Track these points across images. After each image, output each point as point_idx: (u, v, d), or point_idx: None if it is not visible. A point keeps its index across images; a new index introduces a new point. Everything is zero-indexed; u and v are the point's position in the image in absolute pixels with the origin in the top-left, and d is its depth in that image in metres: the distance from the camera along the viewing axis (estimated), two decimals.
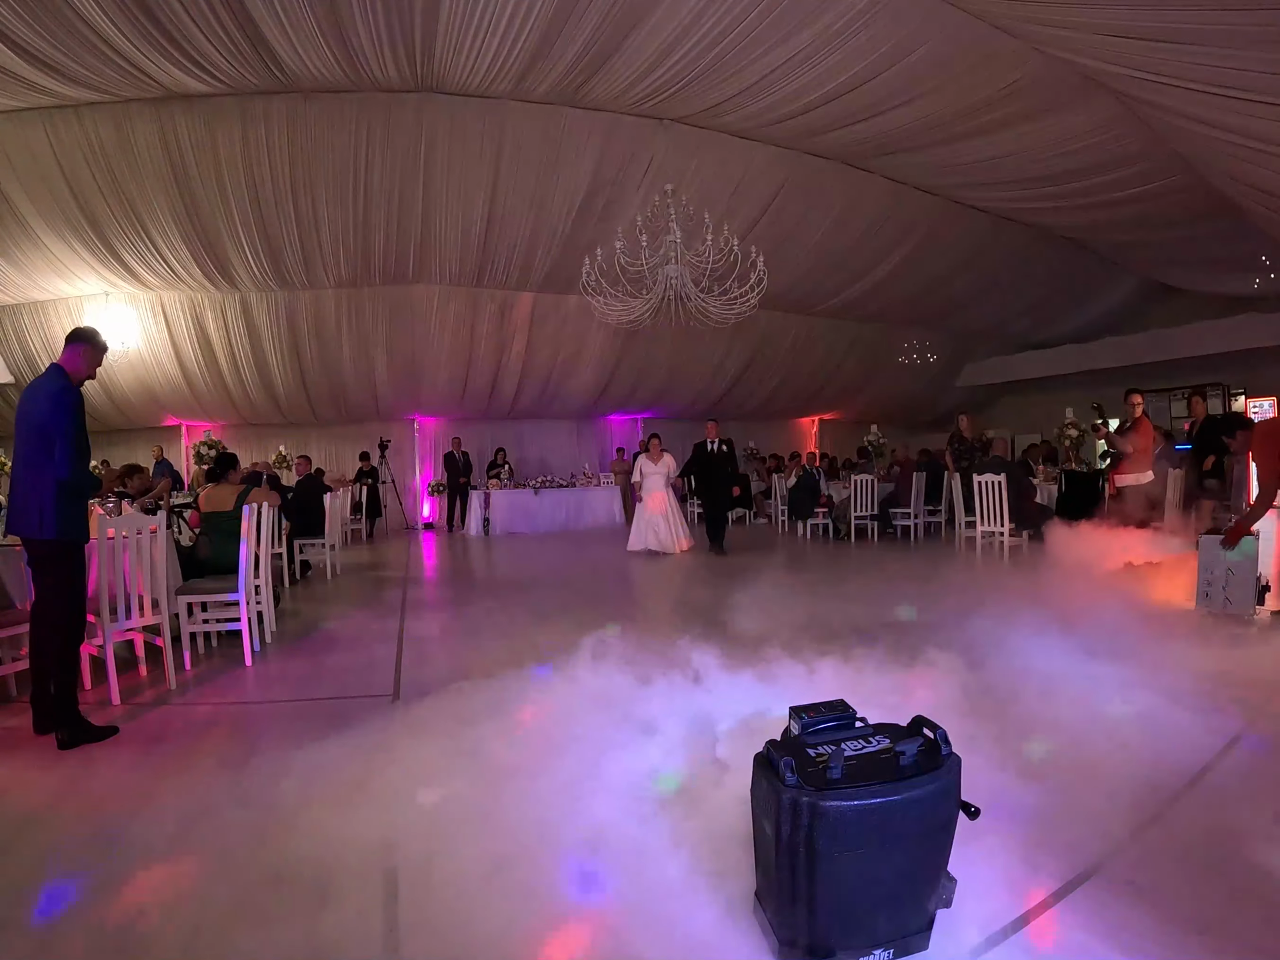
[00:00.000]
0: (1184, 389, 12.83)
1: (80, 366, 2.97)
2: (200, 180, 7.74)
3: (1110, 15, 4.74)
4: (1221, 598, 4.07)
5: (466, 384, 11.55)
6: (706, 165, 8.41)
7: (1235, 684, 3.09)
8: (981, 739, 2.35)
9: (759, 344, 12.36)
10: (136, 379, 10.49)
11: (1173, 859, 1.84)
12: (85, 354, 2.98)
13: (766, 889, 1.56)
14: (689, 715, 2.60)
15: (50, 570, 2.89)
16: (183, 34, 5.71)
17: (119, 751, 2.83)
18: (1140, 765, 2.32)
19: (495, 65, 6.58)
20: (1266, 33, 4.26)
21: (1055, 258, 11.44)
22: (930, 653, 3.07)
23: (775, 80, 6.60)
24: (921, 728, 1.61)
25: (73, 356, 2.95)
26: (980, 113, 6.83)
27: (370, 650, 4.24)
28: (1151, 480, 5.95)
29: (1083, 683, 3.07)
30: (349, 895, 1.78)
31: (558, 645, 4.03)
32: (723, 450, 7.84)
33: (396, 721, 2.96)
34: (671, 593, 6.14)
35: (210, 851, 2.02)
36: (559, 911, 1.70)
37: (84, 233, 8.23)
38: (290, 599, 5.94)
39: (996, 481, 6.66)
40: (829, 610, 4.66)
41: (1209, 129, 5.88)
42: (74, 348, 2.96)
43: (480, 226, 8.88)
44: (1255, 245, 8.93)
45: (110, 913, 1.75)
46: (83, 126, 7.16)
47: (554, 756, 2.47)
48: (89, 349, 3.00)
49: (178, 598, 3.93)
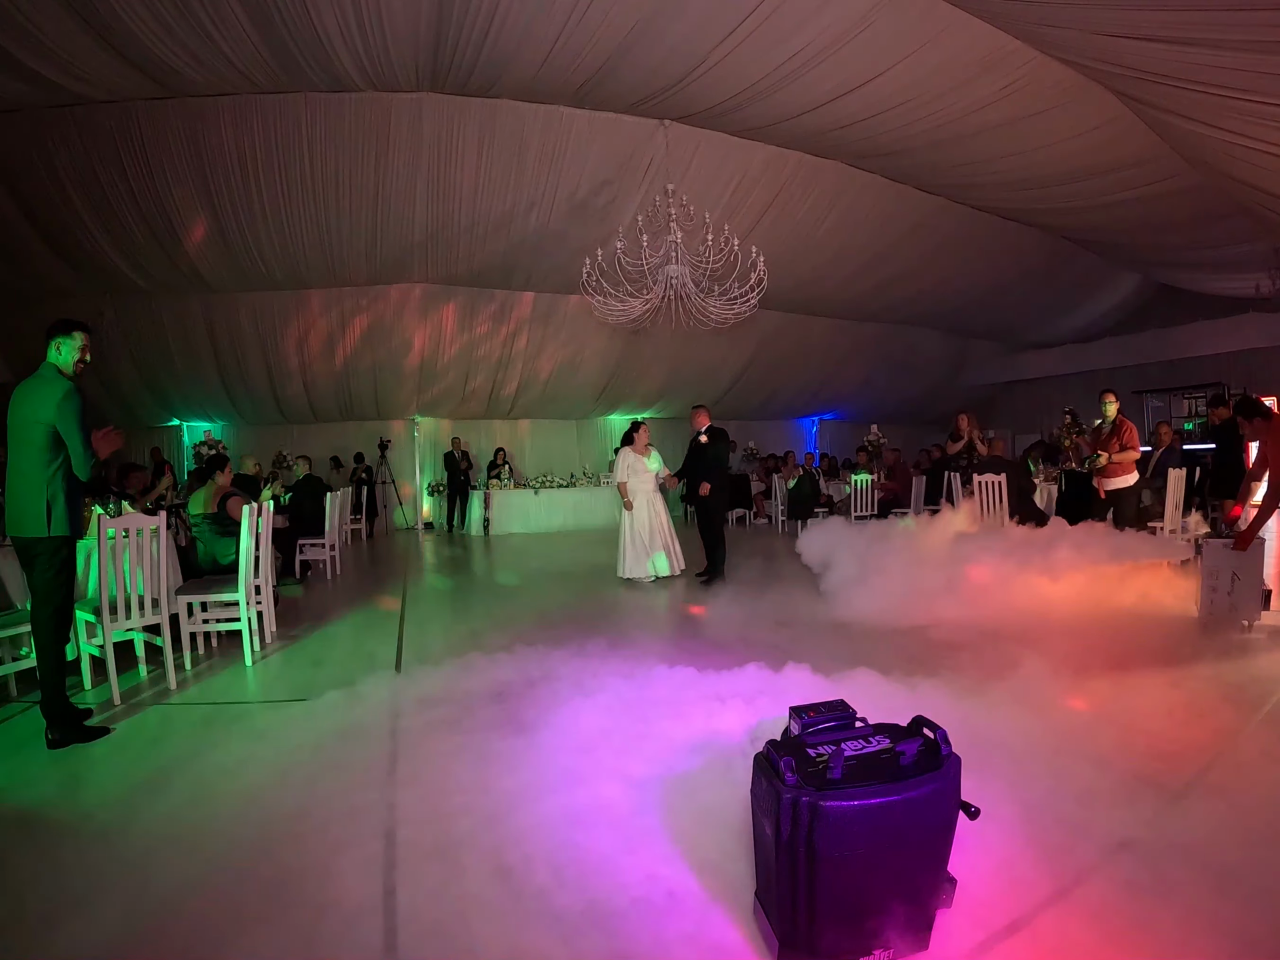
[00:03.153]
0: (1184, 389, 12.87)
1: (71, 359, 2.92)
2: (209, 175, 7.74)
3: (1110, 15, 4.74)
4: (1227, 604, 4.04)
5: (466, 384, 11.54)
6: (706, 165, 8.40)
7: (1236, 685, 3.09)
8: (982, 740, 2.36)
9: (759, 344, 12.35)
10: (137, 378, 10.52)
11: (1172, 858, 1.84)
12: (74, 345, 2.93)
13: (766, 889, 1.56)
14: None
15: (49, 566, 2.88)
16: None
17: (120, 752, 2.83)
18: (1140, 765, 2.33)
19: (500, 69, 6.58)
20: (1266, 33, 4.26)
21: (1056, 258, 11.42)
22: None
23: (776, 81, 6.59)
24: (921, 728, 1.61)
25: (59, 352, 2.91)
26: (980, 113, 6.81)
27: (371, 648, 4.25)
28: (1139, 481, 5.85)
29: (1083, 683, 3.07)
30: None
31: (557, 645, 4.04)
32: (700, 441, 6.34)
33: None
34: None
35: (213, 851, 2.02)
36: (558, 910, 1.70)
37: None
38: (291, 599, 5.93)
39: (996, 482, 6.66)
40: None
41: (1209, 129, 5.88)
42: (61, 341, 2.91)
43: (480, 226, 8.88)
44: (1256, 246, 8.92)
45: (112, 914, 1.76)
46: (84, 120, 7.17)
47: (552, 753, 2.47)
48: (72, 339, 2.93)
49: (178, 598, 3.92)
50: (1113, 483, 5.74)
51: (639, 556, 6.27)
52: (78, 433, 2.81)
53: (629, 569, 6.28)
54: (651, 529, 6.34)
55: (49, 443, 2.82)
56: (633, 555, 6.28)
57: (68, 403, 2.82)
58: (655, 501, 6.44)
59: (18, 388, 2.89)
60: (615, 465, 6.68)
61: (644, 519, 6.34)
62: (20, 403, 2.85)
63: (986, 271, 11.56)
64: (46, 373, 2.89)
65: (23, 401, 2.84)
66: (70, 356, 2.93)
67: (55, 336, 2.92)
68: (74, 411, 2.82)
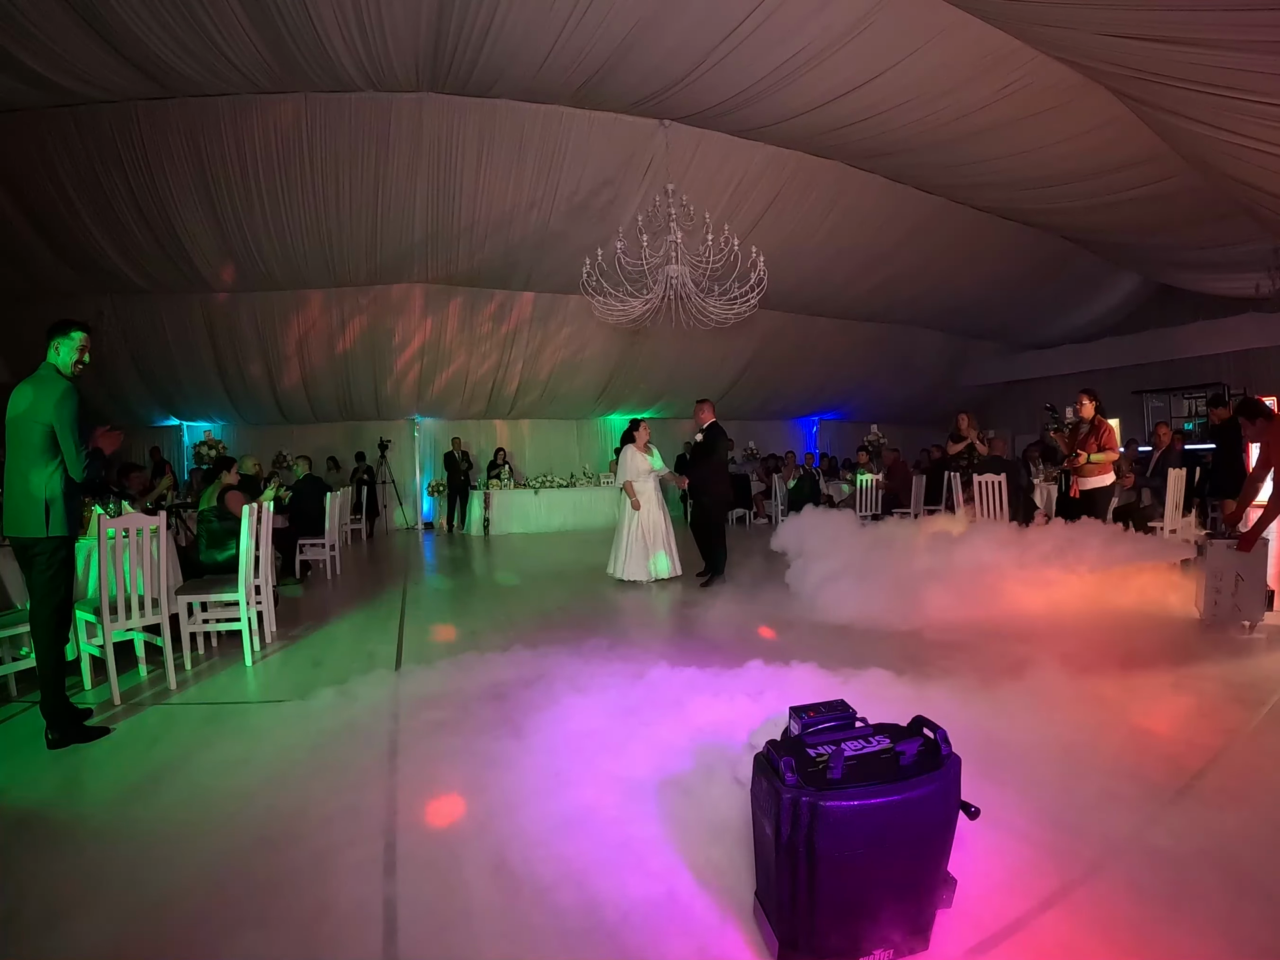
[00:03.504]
0: (1184, 389, 12.87)
1: (70, 359, 2.94)
2: (210, 175, 7.74)
3: (1110, 15, 4.74)
4: (1230, 605, 4.01)
5: (466, 384, 11.54)
6: (706, 165, 8.41)
7: (1239, 687, 3.09)
8: (981, 737, 2.36)
9: (759, 344, 12.35)
10: (137, 378, 10.52)
11: (1173, 859, 1.83)
12: (73, 345, 2.95)
13: (766, 889, 1.56)
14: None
15: (47, 566, 2.89)
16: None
17: (119, 752, 2.83)
18: (1142, 766, 2.32)
19: (500, 69, 6.59)
20: (1266, 33, 4.26)
21: (1056, 258, 11.42)
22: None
23: (776, 81, 6.59)
24: (921, 728, 1.61)
25: (59, 353, 2.92)
26: (980, 113, 6.81)
27: (371, 649, 4.25)
28: (1114, 482, 5.78)
29: (1083, 685, 3.07)
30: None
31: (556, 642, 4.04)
32: (697, 439, 6.42)
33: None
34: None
35: (212, 853, 2.02)
36: (558, 911, 1.70)
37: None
38: (291, 599, 5.94)
39: (996, 481, 6.67)
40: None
41: (1209, 129, 5.87)
42: (60, 341, 2.93)
43: (480, 226, 8.88)
44: (1256, 246, 8.92)
45: (110, 914, 1.76)
46: (84, 120, 7.17)
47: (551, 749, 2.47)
48: (72, 340, 2.95)
49: (178, 598, 3.92)
50: (1089, 483, 5.64)
51: (640, 557, 6.17)
52: (71, 433, 2.82)
53: (629, 570, 6.17)
54: (655, 528, 6.28)
55: (47, 443, 2.83)
56: (634, 555, 6.17)
57: (65, 402, 2.83)
58: (655, 500, 6.39)
59: (16, 388, 2.89)
60: (620, 464, 6.49)
61: (648, 518, 6.26)
62: (18, 403, 2.85)
63: (986, 271, 11.56)
64: (45, 373, 2.90)
65: (21, 401, 2.85)
66: (69, 357, 2.94)
67: (55, 337, 2.94)
68: (70, 411, 2.83)
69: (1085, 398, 5.71)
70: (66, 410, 2.82)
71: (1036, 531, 5.26)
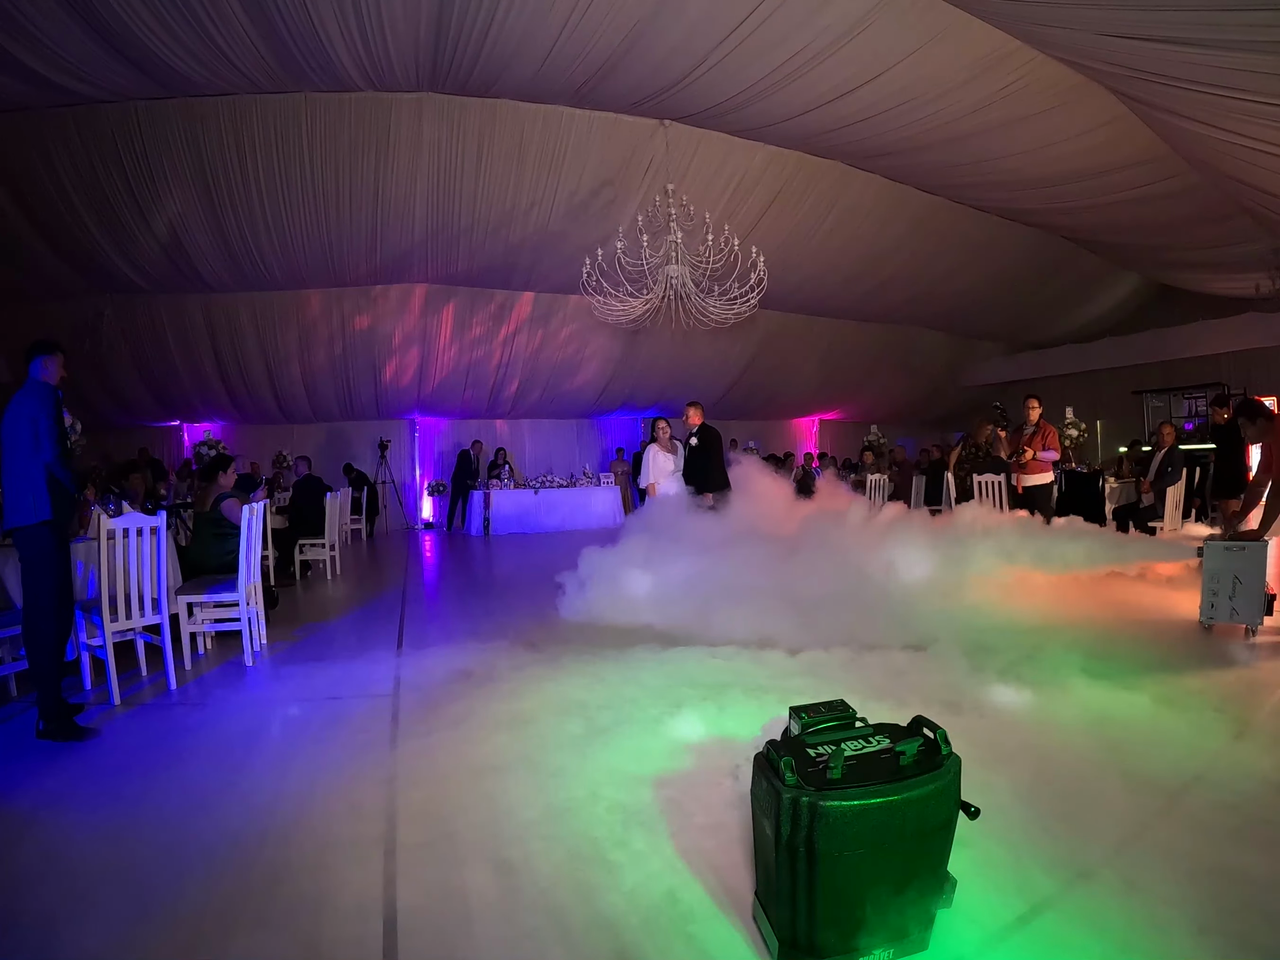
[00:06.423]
0: (1184, 389, 12.87)
1: (52, 376, 3.15)
2: (210, 175, 7.75)
3: (1110, 15, 4.74)
4: (1228, 608, 3.98)
5: (467, 384, 11.55)
6: (706, 165, 8.41)
7: (1237, 690, 3.09)
8: (979, 737, 2.36)
9: (759, 344, 12.35)
10: (137, 378, 10.51)
11: (1172, 859, 1.83)
12: (54, 363, 3.17)
13: (766, 889, 1.56)
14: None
15: (29, 548, 3.01)
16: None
17: (119, 752, 2.83)
18: (1142, 767, 2.33)
19: (501, 69, 6.59)
20: (1266, 33, 4.26)
21: (1056, 258, 11.43)
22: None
23: (776, 81, 6.59)
24: (921, 727, 1.61)
25: (43, 368, 3.12)
26: (980, 113, 6.82)
27: (370, 648, 4.24)
28: (1052, 481, 6.34)
29: (1084, 685, 3.07)
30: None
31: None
32: (691, 443, 6.04)
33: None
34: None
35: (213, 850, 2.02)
36: (558, 909, 1.70)
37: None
38: (290, 599, 5.94)
39: (997, 482, 6.66)
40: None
41: (1209, 129, 5.88)
42: (40, 359, 3.12)
43: (480, 226, 8.88)
44: (1256, 246, 8.92)
45: (110, 914, 1.75)
46: (84, 120, 7.18)
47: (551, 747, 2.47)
48: (55, 358, 3.17)
49: (178, 598, 3.93)
50: (1030, 479, 6.22)
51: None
52: (45, 416, 3.01)
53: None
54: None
55: (35, 437, 3.01)
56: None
57: (46, 395, 3.06)
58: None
59: (10, 400, 3.10)
60: (644, 465, 6.27)
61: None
62: (11, 408, 3.05)
63: (986, 271, 11.56)
64: (31, 384, 3.11)
65: (13, 406, 3.04)
66: (55, 373, 3.16)
67: (47, 354, 3.17)
68: (48, 400, 3.04)
69: (1034, 401, 6.30)
70: (45, 398, 3.03)
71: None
